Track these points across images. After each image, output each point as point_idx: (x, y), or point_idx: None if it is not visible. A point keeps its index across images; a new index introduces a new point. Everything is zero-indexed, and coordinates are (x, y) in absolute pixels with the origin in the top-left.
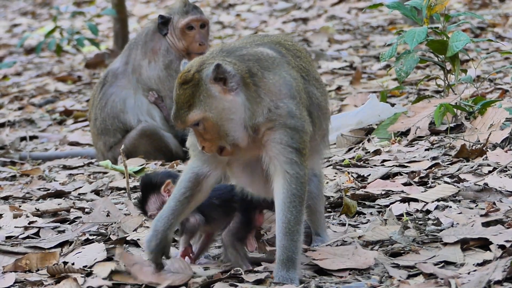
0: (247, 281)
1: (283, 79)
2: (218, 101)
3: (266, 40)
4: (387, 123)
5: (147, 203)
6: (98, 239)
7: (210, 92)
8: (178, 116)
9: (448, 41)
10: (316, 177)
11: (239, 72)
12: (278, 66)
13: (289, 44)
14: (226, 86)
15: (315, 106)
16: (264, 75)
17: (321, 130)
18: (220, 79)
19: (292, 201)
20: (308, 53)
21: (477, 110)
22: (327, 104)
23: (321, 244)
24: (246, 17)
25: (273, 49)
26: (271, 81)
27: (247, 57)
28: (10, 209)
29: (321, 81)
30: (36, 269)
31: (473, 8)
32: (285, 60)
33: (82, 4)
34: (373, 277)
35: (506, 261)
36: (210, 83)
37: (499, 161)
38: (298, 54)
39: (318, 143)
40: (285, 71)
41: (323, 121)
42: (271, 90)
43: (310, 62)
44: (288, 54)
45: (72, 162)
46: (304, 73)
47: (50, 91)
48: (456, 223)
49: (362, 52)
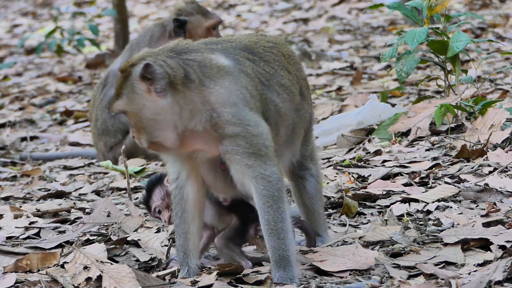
0: (247, 282)
1: (225, 89)
2: (140, 99)
3: (233, 44)
4: (387, 124)
5: (151, 197)
6: (99, 239)
7: (134, 88)
8: (110, 101)
9: (449, 42)
10: (313, 178)
11: (170, 75)
12: (223, 76)
13: (263, 48)
14: (152, 87)
15: (272, 112)
16: (203, 83)
17: (278, 137)
18: (149, 79)
19: (265, 202)
20: (289, 56)
21: (477, 111)
22: (290, 111)
23: (322, 244)
24: (246, 18)
25: (229, 57)
26: (211, 89)
27: (191, 63)
28: (10, 210)
29: (288, 87)
30: (37, 269)
31: (474, 9)
32: (238, 69)
33: (82, 5)
34: (373, 277)
35: (507, 262)
36: (137, 80)
37: (499, 162)
38: (268, 58)
39: (281, 148)
40: (230, 81)
41: (281, 128)
42: (210, 99)
43: (284, 66)
44: (251, 62)
45: (73, 163)
46: (265, 79)
47: (50, 91)
48: (457, 224)
49: (363, 52)
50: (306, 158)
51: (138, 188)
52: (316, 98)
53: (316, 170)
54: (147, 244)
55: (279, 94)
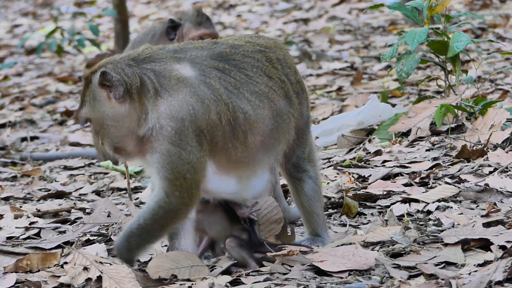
0: (245, 283)
1: (178, 101)
2: (101, 106)
3: (204, 53)
4: (388, 124)
5: None
6: (99, 239)
7: (96, 95)
8: (77, 111)
9: (449, 42)
10: (311, 179)
11: (126, 83)
12: (180, 88)
13: (243, 53)
14: (111, 94)
15: (241, 120)
16: (159, 93)
17: (246, 145)
18: (107, 86)
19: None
20: (277, 61)
21: (478, 111)
22: (263, 118)
23: (322, 244)
24: (247, 18)
25: (194, 67)
26: (164, 100)
27: (150, 72)
28: (11, 210)
29: (264, 93)
30: (37, 269)
31: (474, 9)
32: (200, 80)
33: (83, 5)
34: (374, 277)
35: (507, 262)
36: (97, 87)
37: (500, 162)
38: (244, 65)
39: (255, 155)
40: (185, 94)
41: (250, 136)
42: (160, 110)
43: (263, 72)
44: (217, 70)
45: (73, 163)
46: (234, 87)
47: (51, 91)
48: (457, 224)
49: (363, 52)
50: (303, 160)
51: (139, 188)
52: (317, 98)
53: (314, 172)
54: None
55: (250, 102)
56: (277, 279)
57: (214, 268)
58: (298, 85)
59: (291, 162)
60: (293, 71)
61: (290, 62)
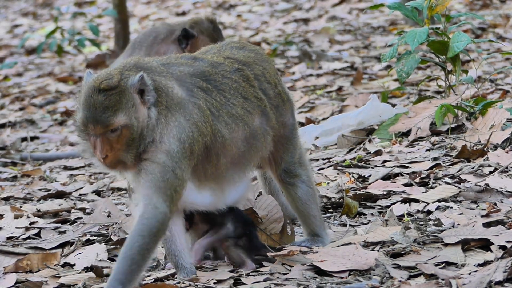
0: (245, 283)
1: (178, 122)
2: (139, 111)
3: (190, 70)
4: (388, 124)
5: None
6: (99, 239)
7: (135, 101)
8: (99, 120)
9: (449, 42)
10: (304, 183)
11: (156, 90)
12: (180, 110)
13: (223, 73)
14: (143, 98)
15: (218, 143)
16: (168, 108)
17: (217, 167)
18: (140, 90)
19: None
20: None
21: (478, 111)
22: (237, 141)
23: (322, 244)
24: (247, 18)
25: (183, 86)
26: (171, 117)
27: (160, 85)
28: (11, 210)
29: (240, 116)
30: (37, 269)
31: (474, 9)
32: (192, 102)
33: (83, 5)
34: (374, 277)
35: (507, 262)
36: (133, 92)
37: (500, 162)
38: (223, 86)
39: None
40: (184, 116)
41: (222, 158)
42: (168, 125)
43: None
44: (204, 92)
45: (73, 163)
46: (216, 109)
47: (51, 91)
48: (457, 224)
49: (363, 52)
50: (294, 164)
51: None
52: (317, 98)
53: (306, 175)
54: None
55: (227, 125)
56: (277, 279)
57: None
58: (278, 98)
59: (281, 168)
60: (272, 85)
61: (270, 76)
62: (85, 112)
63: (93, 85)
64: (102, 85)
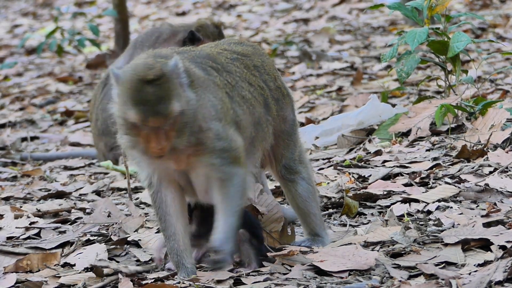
0: (245, 283)
1: (211, 102)
2: (185, 95)
3: (196, 53)
4: (388, 124)
5: None
6: (99, 239)
7: (179, 86)
8: (157, 111)
9: (449, 42)
10: (304, 181)
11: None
12: (207, 88)
13: (225, 58)
14: (181, 81)
15: (234, 123)
16: (200, 88)
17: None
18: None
19: (235, 198)
20: (254, 68)
21: (478, 111)
22: (248, 124)
23: (322, 244)
24: (247, 18)
25: (201, 68)
26: (202, 98)
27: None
28: (11, 210)
29: (249, 99)
30: (37, 269)
31: (474, 9)
32: (211, 80)
33: (83, 5)
34: (374, 277)
35: (507, 262)
36: (175, 78)
37: (500, 162)
38: (230, 68)
39: None
40: (211, 93)
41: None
42: (205, 106)
43: (245, 78)
44: (216, 71)
45: (73, 163)
46: (229, 90)
47: (51, 91)
48: (457, 224)
49: (363, 52)
50: (294, 161)
51: (139, 188)
52: (317, 98)
53: (306, 172)
54: (147, 245)
55: (240, 106)
56: (277, 279)
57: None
58: (279, 91)
59: (281, 165)
60: (272, 77)
61: (269, 69)
62: (140, 107)
63: (138, 79)
64: (150, 76)
